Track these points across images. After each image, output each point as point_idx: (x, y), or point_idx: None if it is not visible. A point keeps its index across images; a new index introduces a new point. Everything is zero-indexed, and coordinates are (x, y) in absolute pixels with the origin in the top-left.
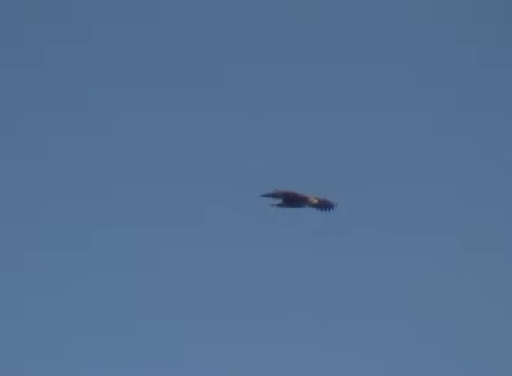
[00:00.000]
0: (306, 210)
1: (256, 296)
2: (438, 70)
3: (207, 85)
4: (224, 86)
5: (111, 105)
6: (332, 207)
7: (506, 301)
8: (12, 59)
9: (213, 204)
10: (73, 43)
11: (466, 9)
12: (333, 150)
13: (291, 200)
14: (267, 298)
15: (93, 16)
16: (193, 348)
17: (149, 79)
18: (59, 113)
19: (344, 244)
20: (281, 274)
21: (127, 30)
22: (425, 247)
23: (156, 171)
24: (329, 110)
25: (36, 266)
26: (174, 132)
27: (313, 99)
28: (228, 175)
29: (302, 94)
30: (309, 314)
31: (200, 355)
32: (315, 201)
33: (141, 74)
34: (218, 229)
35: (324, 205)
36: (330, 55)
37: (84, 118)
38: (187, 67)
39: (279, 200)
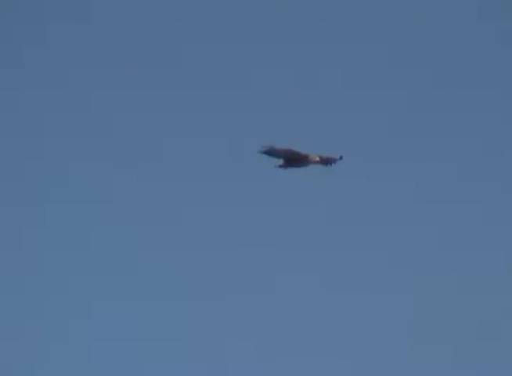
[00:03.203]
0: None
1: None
2: None
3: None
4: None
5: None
6: (334, 162)
7: None
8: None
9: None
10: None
11: None
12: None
13: (292, 159)
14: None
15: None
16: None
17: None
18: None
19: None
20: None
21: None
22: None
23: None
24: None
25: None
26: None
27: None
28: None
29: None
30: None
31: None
32: (317, 159)
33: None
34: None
35: (326, 162)
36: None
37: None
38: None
39: (280, 161)
